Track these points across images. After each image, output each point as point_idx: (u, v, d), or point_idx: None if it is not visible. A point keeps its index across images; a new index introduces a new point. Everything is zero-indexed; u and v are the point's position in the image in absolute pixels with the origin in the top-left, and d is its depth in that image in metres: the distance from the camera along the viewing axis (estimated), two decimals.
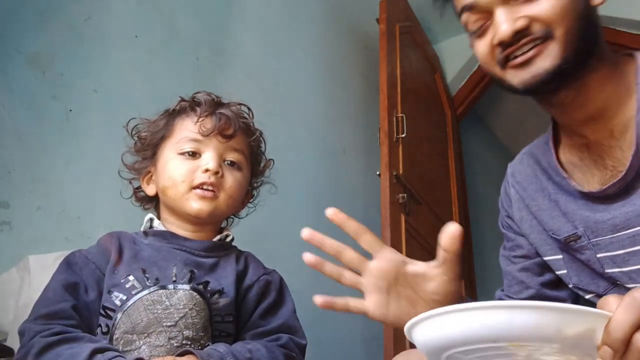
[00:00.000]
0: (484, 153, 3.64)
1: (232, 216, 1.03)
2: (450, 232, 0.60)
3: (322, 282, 2.13)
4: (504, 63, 0.75)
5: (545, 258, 0.89)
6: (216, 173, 0.89)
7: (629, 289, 0.76)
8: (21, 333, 0.78)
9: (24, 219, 1.12)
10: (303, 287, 1.73)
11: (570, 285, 0.87)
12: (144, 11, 1.50)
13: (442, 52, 3.01)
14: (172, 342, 0.79)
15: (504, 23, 0.72)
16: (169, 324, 0.79)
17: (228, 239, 0.97)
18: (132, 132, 0.97)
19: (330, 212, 0.64)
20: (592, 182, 0.80)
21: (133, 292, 0.81)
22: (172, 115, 0.94)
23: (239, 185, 0.94)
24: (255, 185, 1.03)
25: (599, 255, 0.79)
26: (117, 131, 0.99)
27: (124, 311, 0.80)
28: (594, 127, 0.78)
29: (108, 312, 0.81)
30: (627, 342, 0.40)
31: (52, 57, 1.24)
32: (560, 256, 0.87)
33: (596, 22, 0.75)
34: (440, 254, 0.62)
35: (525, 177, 0.91)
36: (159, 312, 0.80)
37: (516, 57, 0.73)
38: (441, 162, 2.65)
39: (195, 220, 0.91)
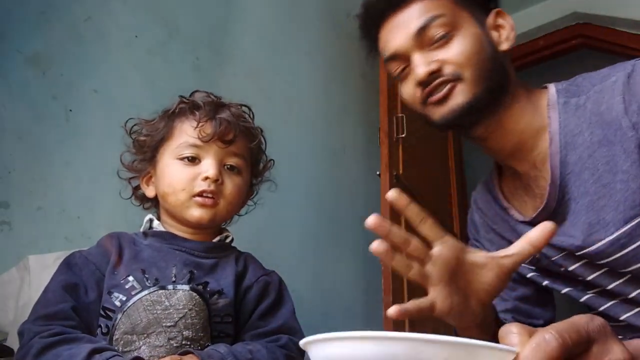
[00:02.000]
0: (484, 153, 3.64)
1: None
2: (546, 228, 0.59)
3: (322, 282, 2.13)
4: (424, 101, 0.85)
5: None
6: (216, 180, 0.88)
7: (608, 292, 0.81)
8: (20, 334, 0.78)
9: (24, 219, 1.12)
10: (303, 287, 1.74)
11: (545, 283, 0.92)
12: (144, 11, 1.50)
13: None
14: (172, 342, 0.79)
15: (420, 66, 0.83)
16: (168, 324, 0.79)
17: (227, 240, 0.97)
18: (130, 132, 0.97)
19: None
20: (527, 209, 0.88)
21: (133, 293, 0.81)
22: (171, 117, 0.93)
23: (239, 191, 0.93)
24: (255, 183, 1.03)
25: (562, 270, 0.85)
26: (117, 131, 0.99)
27: (124, 312, 0.80)
28: (518, 159, 0.87)
29: (108, 312, 0.81)
30: None
31: (52, 57, 1.24)
32: (535, 271, 0.93)
33: (505, 65, 0.85)
34: (524, 248, 0.61)
35: (484, 203, 0.99)
36: (158, 312, 0.80)
37: (433, 95, 0.83)
38: (441, 162, 2.65)
39: (195, 226, 0.91)
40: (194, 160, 0.90)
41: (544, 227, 0.60)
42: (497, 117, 0.84)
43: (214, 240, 0.94)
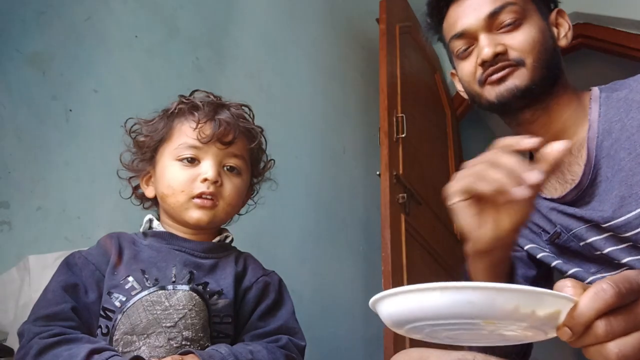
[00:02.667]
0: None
1: None
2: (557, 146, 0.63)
3: (322, 282, 2.13)
4: (484, 81, 0.90)
5: (528, 246, 0.97)
6: (215, 182, 0.88)
7: (618, 266, 0.84)
8: (20, 334, 0.78)
9: (24, 219, 1.12)
10: (302, 287, 1.74)
11: (554, 263, 0.93)
12: (144, 11, 1.50)
13: (442, 52, 3.01)
14: (172, 342, 0.79)
15: (487, 47, 0.88)
16: (168, 324, 0.79)
17: (227, 240, 0.97)
18: (130, 132, 0.97)
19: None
20: (556, 192, 0.91)
21: (132, 293, 0.81)
22: (170, 118, 0.93)
23: (238, 192, 0.93)
24: (256, 182, 1.03)
25: (581, 244, 0.87)
26: (117, 131, 0.99)
27: (124, 312, 0.80)
28: None
29: (108, 313, 0.81)
30: (588, 327, 0.46)
31: (52, 57, 1.24)
32: (547, 251, 0.94)
33: (560, 59, 0.92)
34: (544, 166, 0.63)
35: None
36: (158, 312, 0.80)
37: (493, 75, 0.88)
38: (441, 162, 2.65)
39: (194, 227, 0.91)
40: (193, 161, 0.89)
41: (556, 145, 0.63)
42: (545, 105, 0.89)
43: (214, 241, 0.94)
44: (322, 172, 2.08)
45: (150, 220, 0.94)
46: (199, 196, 0.88)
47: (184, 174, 0.88)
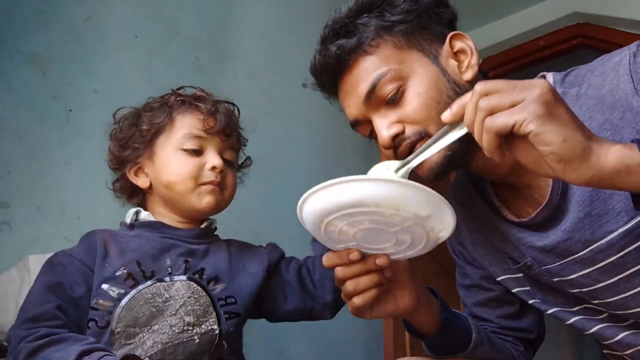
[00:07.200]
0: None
1: None
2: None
3: None
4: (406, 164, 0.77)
5: (501, 277, 0.89)
6: (221, 171, 0.91)
7: (595, 305, 0.78)
8: (8, 340, 0.76)
9: (24, 219, 1.11)
10: None
11: (532, 301, 0.86)
12: (144, 11, 1.50)
13: None
14: (174, 328, 0.81)
15: (381, 131, 0.76)
16: (170, 313, 0.81)
17: (212, 227, 0.98)
18: (120, 122, 0.98)
19: None
20: (523, 212, 0.81)
21: (130, 286, 0.82)
22: (172, 108, 0.95)
23: (235, 182, 0.98)
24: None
25: (555, 280, 0.79)
26: None
27: (124, 305, 0.80)
28: (518, 175, 0.79)
29: (105, 306, 0.81)
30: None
31: (52, 57, 1.24)
32: (521, 274, 0.86)
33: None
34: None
35: (466, 199, 0.90)
36: (159, 304, 0.81)
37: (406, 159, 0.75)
38: None
39: (197, 214, 0.93)
40: (197, 151, 0.92)
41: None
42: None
43: (202, 227, 0.96)
44: (322, 171, 2.08)
45: (137, 212, 0.95)
46: (207, 184, 0.91)
47: (191, 162, 0.91)
